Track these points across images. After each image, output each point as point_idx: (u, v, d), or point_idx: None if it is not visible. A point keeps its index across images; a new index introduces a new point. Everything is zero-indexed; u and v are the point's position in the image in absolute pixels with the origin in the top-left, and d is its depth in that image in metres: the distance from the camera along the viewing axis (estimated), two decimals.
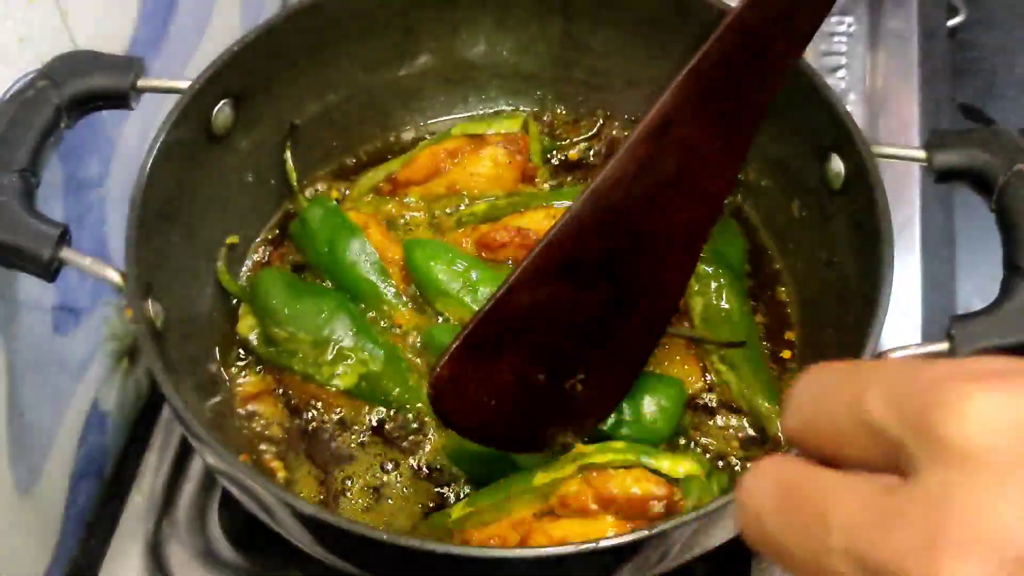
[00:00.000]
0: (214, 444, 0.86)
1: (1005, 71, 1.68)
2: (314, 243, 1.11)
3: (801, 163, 1.09)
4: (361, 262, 1.09)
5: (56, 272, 0.91)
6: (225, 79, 1.05)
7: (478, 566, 0.83)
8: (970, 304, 1.45)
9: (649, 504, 0.89)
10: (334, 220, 1.11)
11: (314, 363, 1.05)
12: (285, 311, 1.06)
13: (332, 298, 1.08)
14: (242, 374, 1.07)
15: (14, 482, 1.02)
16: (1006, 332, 0.87)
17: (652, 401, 1.00)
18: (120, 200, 1.13)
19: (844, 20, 1.46)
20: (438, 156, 1.17)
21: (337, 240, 1.10)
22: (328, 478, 1.01)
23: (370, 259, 1.09)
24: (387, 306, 1.08)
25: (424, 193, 1.17)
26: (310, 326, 1.05)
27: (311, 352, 1.05)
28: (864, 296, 0.95)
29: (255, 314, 1.08)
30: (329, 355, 1.04)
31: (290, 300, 1.07)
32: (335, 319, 1.05)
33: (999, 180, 0.95)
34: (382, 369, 1.04)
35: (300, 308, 1.06)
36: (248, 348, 1.08)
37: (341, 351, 1.04)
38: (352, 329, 1.05)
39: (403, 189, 1.18)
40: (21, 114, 0.94)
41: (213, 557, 1.08)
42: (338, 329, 1.05)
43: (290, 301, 1.07)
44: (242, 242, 1.14)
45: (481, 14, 1.20)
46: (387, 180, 1.18)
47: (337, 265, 1.09)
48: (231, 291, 1.10)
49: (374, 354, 1.04)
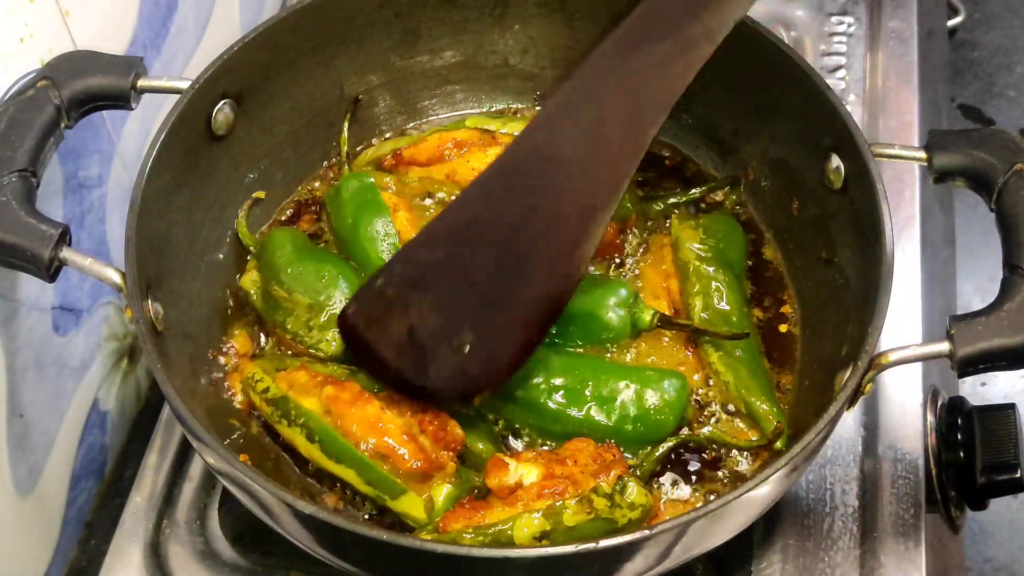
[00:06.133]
0: (214, 444, 0.86)
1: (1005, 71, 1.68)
2: (342, 213, 1.13)
3: (801, 163, 1.09)
4: (379, 240, 1.10)
5: (56, 272, 0.91)
6: (225, 79, 1.05)
7: (478, 566, 0.83)
8: (970, 304, 1.46)
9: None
10: (366, 196, 1.13)
11: (306, 325, 1.07)
12: (288, 270, 1.08)
13: (335, 265, 1.09)
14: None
15: (14, 482, 1.02)
16: (1006, 332, 0.87)
17: (655, 395, 1.00)
18: (120, 200, 1.13)
19: (844, 20, 1.46)
20: (445, 143, 1.18)
21: (363, 215, 1.11)
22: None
23: (389, 239, 1.10)
24: None
25: (423, 175, 1.18)
26: (309, 289, 1.07)
27: (305, 314, 1.07)
28: (864, 296, 0.95)
29: (260, 270, 1.11)
30: (322, 318, 1.06)
31: (295, 260, 1.09)
32: (334, 285, 1.07)
33: (998, 180, 0.95)
34: None
35: (302, 269, 1.08)
36: (247, 302, 1.10)
37: (334, 318, 1.05)
38: (349, 297, 1.06)
39: (405, 167, 1.19)
40: (21, 114, 0.94)
41: (213, 557, 1.08)
42: (335, 295, 1.06)
43: (294, 261, 1.09)
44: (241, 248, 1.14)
45: (481, 14, 1.21)
46: (392, 155, 1.20)
47: (357, 238, 1.11)
48: (247, 243, 1.13)
49: None
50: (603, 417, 1.00)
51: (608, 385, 1.01)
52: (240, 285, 1.11)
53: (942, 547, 1.12)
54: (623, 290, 1.06)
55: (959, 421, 1.09)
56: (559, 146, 0.92)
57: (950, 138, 0.99)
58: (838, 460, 1.11)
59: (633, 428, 1.00)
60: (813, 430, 0.87)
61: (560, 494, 0.93)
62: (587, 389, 1.01)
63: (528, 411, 1.01)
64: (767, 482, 0.85)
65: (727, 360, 1.05)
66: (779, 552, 1.06)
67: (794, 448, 0.86)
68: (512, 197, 0.94)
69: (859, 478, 1.10)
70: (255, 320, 1.11)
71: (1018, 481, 1.04)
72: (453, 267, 0.96)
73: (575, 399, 1.01)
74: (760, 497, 0.88)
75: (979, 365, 0.88)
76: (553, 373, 1.01)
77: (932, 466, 1.10)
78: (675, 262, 1.12)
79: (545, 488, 0.93)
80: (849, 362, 0.91)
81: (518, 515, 0.92)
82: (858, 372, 0.89)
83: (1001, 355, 0.88)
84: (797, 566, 1.05)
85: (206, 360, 1.07)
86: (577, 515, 0.91)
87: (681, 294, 1.10)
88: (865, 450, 1.11)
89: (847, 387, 0.89)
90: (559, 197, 0.94)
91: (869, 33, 1.45)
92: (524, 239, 0.94)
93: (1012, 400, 1.09)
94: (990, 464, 1.05)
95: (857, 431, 1.12)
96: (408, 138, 1.23)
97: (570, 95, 0.92)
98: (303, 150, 1.19)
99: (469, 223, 0.96)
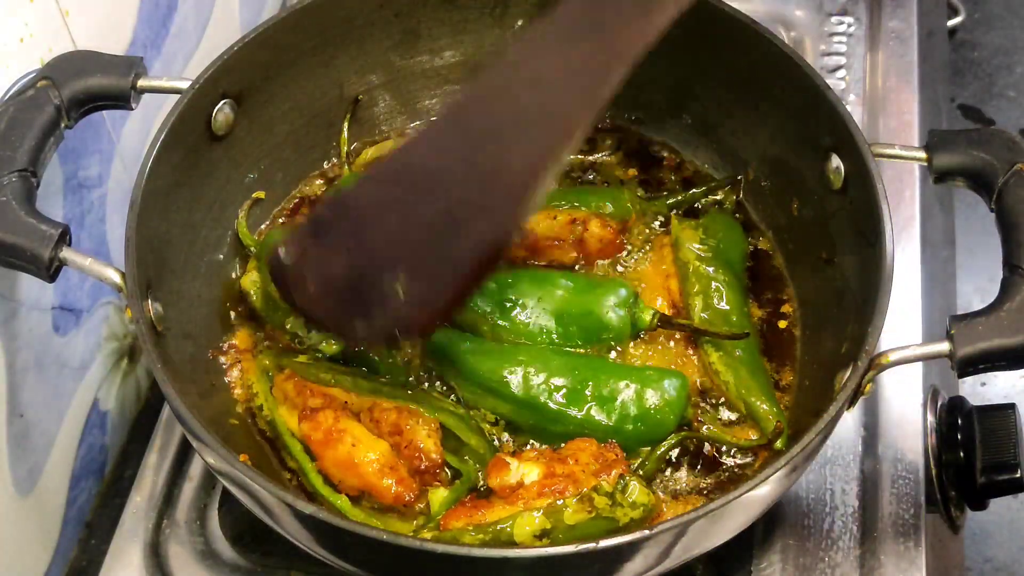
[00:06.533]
0: (214, 444, 0.86)
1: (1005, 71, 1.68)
2: None
3: (801, 163, 1.09)
4: None
5: (56, 272, 0.91)
6: (225, 79, 1.05)
7: (478, 566, 0.83)
8: (970, 304, 1.46)
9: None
10: None
11: (305, 326, 1.07)
12: None
13: None
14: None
15: (14, 482, 1.02)
16: (1006, 332, 0.87)
17: (656, 394, 1.00)
18: (120, 200, 1.13)
19: (844, 20, 1.46)
20: None
21: None
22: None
23: None
24: None
25: None
26: None
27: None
28: (864, 296, 0.95)
29: (260, 271, 1.11)
30: None
31: None
32: None
33: (998, 180, 0.95)
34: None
35: None
36: (247, 302, 1.10)
37: None
38: None
39: None
40: (21, 114, 0.94)
41: (213, 557, 1.08)
42: None
43: None
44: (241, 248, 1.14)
45: (481, 14, 1.21)
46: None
47: None
48: (247, 243, 1.13)
49: None
50: (604, 417, 1.00)
51: (608, 385, 1.01)
52: (240, 285, 1.11)
53: (942, 547, 1.12)
54: (623, 290, 1.06)
55: (959, 421, 1.09)
56: (515, 92, 0.92)
57: (950, 138, 0.99)
58: (838, 460, 1.11)
59: (634, 427, 1.00)
60: (813, 430, 0.87)
61: (561, 492, 0.93)
62: (587, 389, 1.01)
63: (528, 411, 1.01)
64: (767, 482, 0.85)
65: (727, 360, 1.05)
66: (779, 552, 1.06)
67: (794, 448, 0.86)
68: (461, 141, 0.94)
69: (859, 478, 1.10)
70: (255, 320, 1.11)
71: (1018, 481, 1.04)
72: (393, 208, 0.95)
73: (576, 399, 1.01)
74: (760, 497, 0.88)
75: (979, 365, 0.88)
76: (553, 373, 1.01)
77: (932, 466, 1.10)
78: (675, 262, 1.12)
79: (546, 487, 0.93)
80: (849, 362, 0.91)
81: (518, 513, 0.92)
82: (858, 372, 0.89)
83: (1001, 355, 0.88)
84: (797, 566, 1.05)
85: (206, 360, 1.07)
86: (578, 513, 0.92)
87: (681, 294, 1.10)
88: (865, 450, 1.11)
89: (847, 387, 0.89)
90: (508, 146, 0.92)
91: (869, 33, 1.45)
92: (468, 185, 0.93)
93: (1012, 400, 1.09)
94: (990, 464, 1.05)
95: (857, 431, 1.12)
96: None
97: (533, 42, 0.92)
98: (303, 150, 1.19)
99: (415, 165, 0.95)
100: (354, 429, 0.99)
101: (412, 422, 0.99)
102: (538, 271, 1.11)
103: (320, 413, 1.00)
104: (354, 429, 0.99)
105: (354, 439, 0.98)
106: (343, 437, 0.98)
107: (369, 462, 0.97)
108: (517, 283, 1.08)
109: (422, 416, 1.00)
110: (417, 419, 1.00)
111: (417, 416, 1.00)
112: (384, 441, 0.99)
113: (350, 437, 0.98)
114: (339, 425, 0.99)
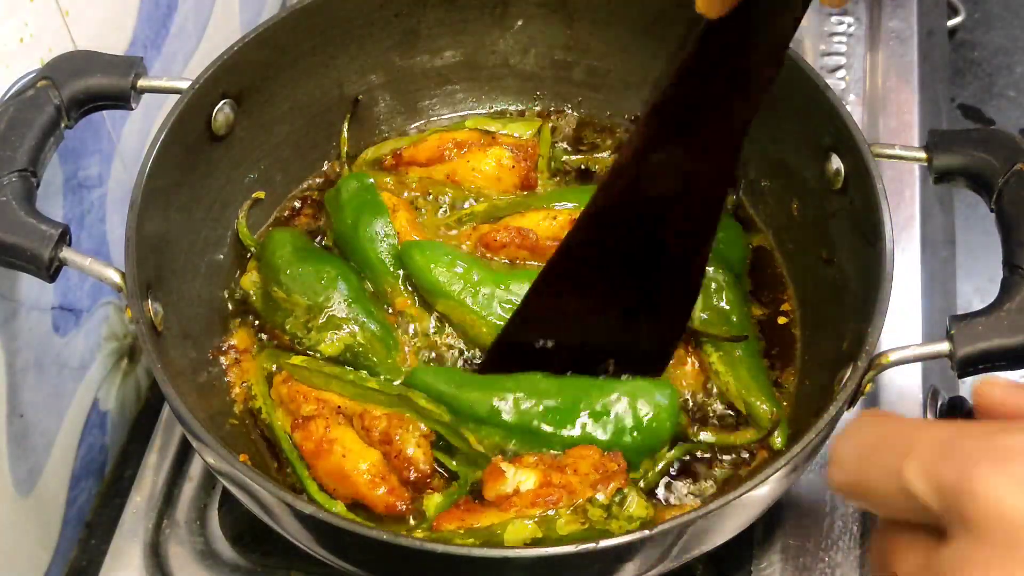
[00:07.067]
0: (214, 444, 0.86)
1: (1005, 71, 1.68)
2: (342, 213, 1.13)
3: (801, 163, 1.09)
4: (379, 241, 1.10)
5: (56, 272, 0.91)
6: (225, 79, 1.05)
7: (477, 566, 0.83)
8: (970, 304, 1.45)
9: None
10: (365, 196, 1.13)
11: (304, 327, 1.07)
12: (287, 271, 1.09)
13: (334, 266, 1.09)
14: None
15: (14, 482, 1.02)
16: (1006, 332, 0.87)
17: (648, 404, 0.99)
18: (120, 200, 1.13)
19: (844, 20, 1.46)
20: (445, 143, 1.19)
21: (363, 215, 1.12)
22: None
23: (388, 240, 1.11)
24: (390, 288, 1.10)
25: (423, 175, 1.18)
26: (308, 290, 1.08)
27: (304, 315, 1.07)
28: (864, 296, 0.95)
29: (260, 271, 1.11)
30: (321, 320, 1.06)
31: (294, 262, 1.09)
32: (333, 287, 1.07)
33: (998, 180, 0.95)
34: (368, 342, 1.05)
35: (302, 271, 1.09)
36: (247, 302, 1.11)
37: (332, 319, 1.06)
38: (348, 299, 1.07)
39: (405, 167, 1.20)
40: (21, 114, 0.94)
41: (213, 557, 1.08)
42: (334, 297, 1.07)
43: (294, 263, 1.09)
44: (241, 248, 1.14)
45: (481, 14, 1.21)
46: (392, 155, 1.21)
47: (357, 239, 1.11)
48: (247, 243, 1.13)
49: (365, 325, 1.06)
50: (600, 431, 0.99)
51: (599, 400, 0.99)
52: (240, 285, 1.12)
53: None
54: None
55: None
56: (653, 186, 0.95)
57: (950, 138, 0.99)
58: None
59: (632, 439, 0.99)
60: (813, 430, 0.87)
61: (554, 503, 0.92)
62: (580, 407, 0.99)
63: (523, 436, 0.99)
64: (767, 482, 0.85)
65: (727, 360, 1.05)
66: (779, 552, 1.06)
67: (794, 448, 0.86)
68: (622, 236, 0.98)
69: None
70: (255, 320, 1.11)
71: None
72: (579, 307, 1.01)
73: (569, 418, 0.99)
74: (760, 497, 0.88)
75: (979, 365, 0.88)
76: (543, 396, 1.00)
77: None
78: None
79: (540, 496, 0.93)
80: (849, 362, 0.91)
81: (510, 520, 0.92)
82: (858, 372, 0.89)
83: (1001, 355, 0.88)
84: (797, 566, 1.05)
85: (206, 360, 1.07)
86: (570, 524, 0.91)
87: None
88: None
89: (847, 387, 0.89)
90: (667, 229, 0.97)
91: (869, 33, 1.45)
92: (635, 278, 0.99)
93: None
94: None
95: None
96: (408, 138, 1.23)
97: (651, 138, 0.92)
98: (303, 150, 1.19)
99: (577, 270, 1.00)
100: (345, 438, 0.99)
101: (402, 431, 0.99)
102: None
103: (312, 422, 1.00)
104: (345, 438, 0.99)
105: (345, 449, 0.98)
106: (333, 447, 0.98)
107: (360, 472, 0.97)
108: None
109: (412, 423, 1.00)
110: (407, 427, 1.00)
111: (407, 424, 1.00)
112: (375, 450, 0.99)
113: (340, 447, 0.98)
114: (330, 435, 0.99)
